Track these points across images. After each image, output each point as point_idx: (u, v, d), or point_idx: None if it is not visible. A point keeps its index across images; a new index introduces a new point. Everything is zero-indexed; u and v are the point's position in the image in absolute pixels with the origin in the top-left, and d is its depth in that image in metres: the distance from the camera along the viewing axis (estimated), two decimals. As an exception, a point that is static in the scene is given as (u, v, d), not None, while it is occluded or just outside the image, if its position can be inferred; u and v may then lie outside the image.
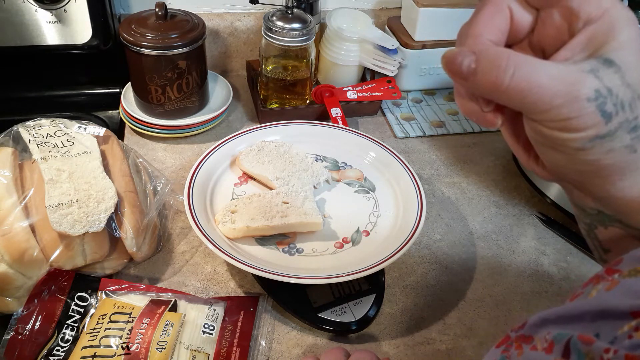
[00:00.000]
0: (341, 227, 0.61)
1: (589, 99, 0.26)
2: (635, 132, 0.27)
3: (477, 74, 0.27)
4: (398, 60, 0.86)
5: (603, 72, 0.26)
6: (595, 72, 0.26)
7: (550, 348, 0.23)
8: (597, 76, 0.26)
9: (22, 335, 0.49)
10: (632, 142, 0.27)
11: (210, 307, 0.53)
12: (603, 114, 0.26)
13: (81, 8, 0.75)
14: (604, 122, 0.26)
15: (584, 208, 0.33)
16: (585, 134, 0.26)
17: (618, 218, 0.31)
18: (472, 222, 0.70)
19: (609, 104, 0.26)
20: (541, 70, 0.26)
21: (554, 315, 0.25)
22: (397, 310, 0.58)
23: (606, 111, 0.26)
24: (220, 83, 0.86)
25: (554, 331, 0.23)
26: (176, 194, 0.67)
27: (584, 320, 0.23)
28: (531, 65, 0.26)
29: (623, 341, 0.21)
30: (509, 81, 0.26)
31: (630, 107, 0.26)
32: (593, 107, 0.26)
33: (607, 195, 0.29)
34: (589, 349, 0.21)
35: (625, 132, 0.27)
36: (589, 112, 0.26)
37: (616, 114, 0.26)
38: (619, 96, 0.26)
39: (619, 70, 0.26)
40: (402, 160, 0.68)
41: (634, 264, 0.25)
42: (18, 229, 0.51)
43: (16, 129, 0.61)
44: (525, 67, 0.26)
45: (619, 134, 0.27)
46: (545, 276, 0.63)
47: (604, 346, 0.21)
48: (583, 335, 0.22)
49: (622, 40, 0.27)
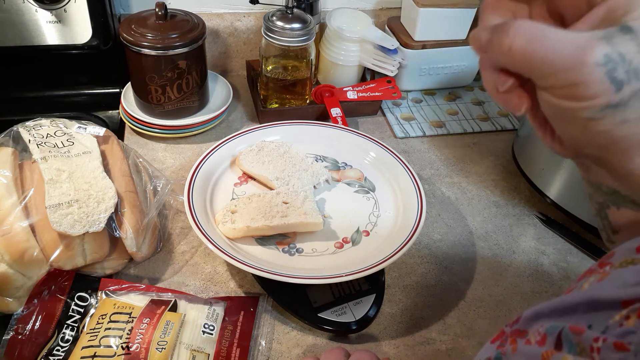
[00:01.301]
0: (341, 227, 0.61)
1: (597, 64, 0.24)
2: None
3: (492, 43, 0.27)
4: (398, 60, 0.86)
5: (618, 39, 0.25)
6: (609, 38, 0.25)
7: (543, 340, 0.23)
8: (610, 42, 0.25)
9: (22, 335, 0.49)
10: None
11: (210, 307, 0.53)
12: (613, 81, 0.25)
13: (81, 8, 0.75)
14: (614, 90, 0.25)
15: (599, 186, 0.32)
16: (595, 102, 0.25)
17: (633, 199, 0.30)
18: (472, 222, 0.70)
19: (620, 70, 0.24)
20: (548, 33, 0.25)
21: (547, 308, 0.25)
22: (397, 310, 0.58)
23: (616, 78, 0.24)
24: (220, 83, 0.86)
25: (547, 324, 0.23)
26: (176, 194, 0.67)
27: (576, 312, 0.23)
28: (537, 27, 0.26)
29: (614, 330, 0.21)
30: (512, 41, 0.26)
31: None
32: (601, 73, 0.24)
33: (625, 172, 0.28)
34: (579, 338, 0.21)
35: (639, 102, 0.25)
36: (597, 78, 0.24)
37: (628, 82, 0.25)
38: (632, 63, 0.25)
39: (635, 37, 0.25)
40: (402, 160, 0.68)
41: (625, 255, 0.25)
42: (18, 229, 0.51)
43: (16, 129, 0.61)
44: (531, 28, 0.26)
45: (632, 104, 0.25)
46: (545, 276, 0.63)
47: (593, 335, 0.21)
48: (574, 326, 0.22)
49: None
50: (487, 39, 0.27)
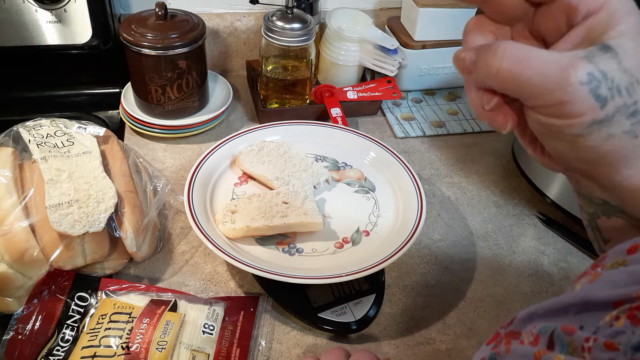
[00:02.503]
0: (341, 227, 0.61)
1: (582, 82, 0.25)
2: (635, 117, 0.27)
3: (477, 64, 0.28)
4: (398, 60, 0.86)
5: (599, 57, 0.26)
6: (590, 58, 0.26)
7: (535, 341, 0.23)
8: (592, 61, 0.26)
9: (22, 335, 0.49)
10: (632, 128, 0.27)
11: (210, 307, 0.53)
12: (597, 98, 0.26)
13: (81, 8, 0.75)
14: (599, 107, 0.26)
15: (589, 198, 0.33)
16: (581, 119, 0.26)
17: (622, 209, 0.31)
18: (472, 222, 0.70)
19: (603, 87, 0.26)
20: (533, 54, 0.26)
21: (540, 309, 0.25)
22: (397, 310, 0.58)
23: (600, 95, 0.26)
24: (220, 83, 0.86)
25: (540, 325, 0.24)
26: (176, 194, 0.67)
27: (569, 313, 0.24)
28: (523, 50, 0.26)
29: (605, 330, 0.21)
30: (500, 63, 0.26)
31: (628, 91, 0.26)
32: (586, 91, 0.25)
33: (613, 184, 0.29)
34: (571, 338, 0.22)
35: (623, 117, 0.26)
36: (582, 96, 0.25)
37: (612, 98, 0.26)
38: (614, 80, 0.26)
39: (615, 56, 0.26)
40: (402, 160, 0.68)
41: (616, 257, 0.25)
42: (18, 229, 0.51)
43: (16, 129, 0.61)
44: (517, 51, 0.26)
45: (617, 119, 0.26)
46: (545, 276, 0.63)
47: (584, 335, 0.21)
48: (566, 326, 0.22)
49: (621, 29, 0.26)
50: (471, 60, 0.28)
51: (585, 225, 0.36)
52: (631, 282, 0.23)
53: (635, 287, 0.22)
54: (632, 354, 0.20)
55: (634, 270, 0.24)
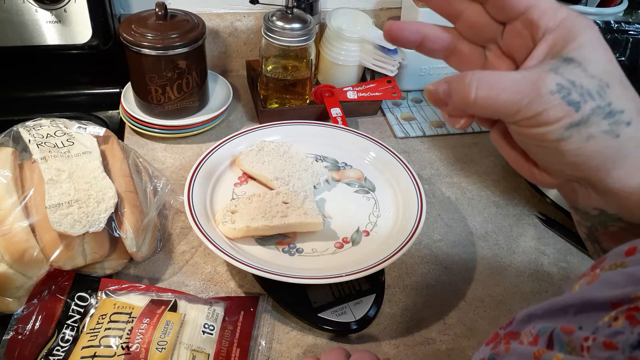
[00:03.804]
0: (341, 227, 0.61)
1: (552, 92, 0.27)
2: (612, 117, 0.28)
3: (451, 96, 0.29)
4: (398, 60, 0.86)
5: (563, 69, 0.28)
6: (556, 70, 0.28)
7: (535, 341, 0.24)
8: (558, 72, 0.28)
9: (22, 335, 0.49)
10: (611, 128, 0.28)
11: (210, 307, 0.53)
12: (570, 103, 0.27)
13: (81, 8, 0.75)
14: (574, 110, 0.28)
15: (586, 211, 0.34)
16: (559, 124, 0.28)
17: (619, 217, 0.32)
18: (472, 222, 0.70)
19: (574, 93, 0.27)
20: (504, 77, 0.28)
21: (539, 310, 0.26)
22: (397, 310, 0.58)
23: (573, 100, 0.27)
24: (220, 83, 0.86)
25: (539, 325, 0.24)
26: (176, 194, 0.67)
27: (568, 313, 0.24)
28: (493, 75, 0.28)
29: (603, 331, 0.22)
30: (475, 92, 0.28)
31: (599, 94, 0.28)
32: (558, 99, 0.27)
33: (607, 189, 0.30)
34: (570, 338, 0.22)
35: (600, 117, 0.28)
36: (556, 104, 0.27)
37: (585, 102, 0.28)
38: (583, 86, 0.28)
39: (579, 65, 0.28)
40: (402, 160, 0.68)
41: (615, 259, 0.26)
42: (18, 229, 0.51)
43: (16, 129, 0.61)
44: (488, 77, 0.28)
45: (593, 120, 0.28)
46: (545, 276, 0.63)
47: (583, 335, 0.22)
48: (565, 326, 0.23)
49: (580, 41, 0.29)
50: (445, 92, 0.29)
51: (584, 239, 0.37)
52: (629, 284, 0.23)
53: (633, 288, 0.22)
54: (631, 352, 0.20)
55: (632, 271, 0.24)
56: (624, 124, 0.28)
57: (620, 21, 0.69)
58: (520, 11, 0.30)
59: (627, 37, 0.68)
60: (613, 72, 0.29)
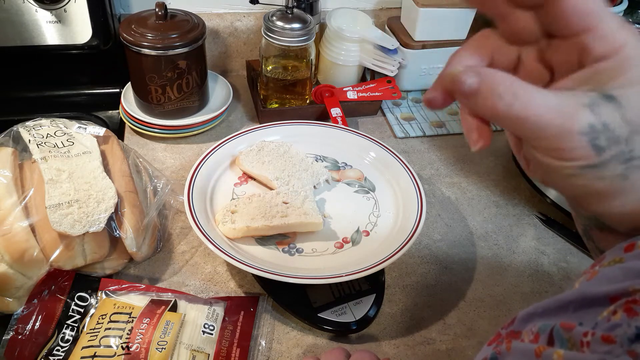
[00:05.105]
0: (341, 227, 0.61)
1: (582, 132, 0.26)
2: (630, 162, 0.27)
3: (477, 95, 0.27)
4: (398, 60, 0.86)
5: (602, 108, 0.26)
6: (593, 107, 0.26)
7: (536, 339, 0.24)
8: (594, 111, 0.26)
9: (22, 335, 0.49)
10: (624, 172, 0.27)
11: (210, 307, 0.53)
12: (594, 147, 0.26)
13: (81, 8, 0.75)
14: (595, 155, 0.26)
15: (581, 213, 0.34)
16: (577, 163, 0.27)
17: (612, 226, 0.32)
18: (472, 222, 0.70)
19: (602, 138, 0.26)
20: (539, 100, 0.26)
21: (540, 308, 0.26)
22: (397, 310, 0.58)
23: (598, 145, 0.26)
24: (220, 83, 0.86)
25: (539, 323, 0.24)
26: (176, 194, 0.67)
27: (568, 310, 0.24)
28: (530, 94, 0.26)
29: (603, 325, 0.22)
30: (507, 109, 0.26)
31: (627, 141, 0.26)
32: (585, 141, 0.26)
33: (599, 211, 0.30)
34: (570, 334, 0.22)
35: (618, 162, 0.27)
36: (581, 145, 0.26)
37: (608, 148, 0.26)
38: (615, 132, 0.26)
39: (619, 108, 0.26)
40: (402, 160, 0.68)
41: (614, 255, 0.26)
42: (18, 229, 0.51)
43: (16, 129, 0.61)
44: (524, 96, 0.26)
45: (611, 165, 0.27)
46: (545, 276, 0.63)
47: (583, 330, 0.22)
48: (565, 323, 0.23)
49: (629, 77, 0.26)
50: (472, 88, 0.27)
51: (581, 234, 0.37)
52: (627, 278, 0.23)
53: (631, 281, 0.22)
54: (629, 345, 0.20)
55: (630, 266, 0.24)
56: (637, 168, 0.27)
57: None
58: (576, 31, 0.27)
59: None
60: None
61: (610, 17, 0.27)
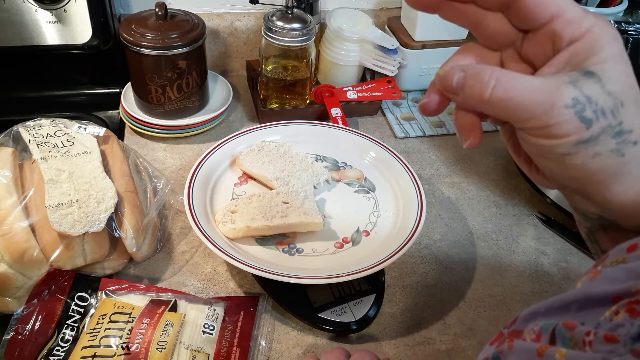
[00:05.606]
0: (341, 227, 0.61)
1: (567, 106, 0.27)
2: (621, 136, 0.28)
3: (465, 88, 0.29)
4: (398, 60, 0.86)
5: (582, 82, 0.27)
6: (575, 83, 0.27)
7: (538, 338, 0.24)
8: (576, 86, 0.27)
9: (22, 335, 0.49)
10: (618, 147, 0.28)
11: (210, 307, 0.53)
12: (582, 120, 0.27)
13: (81, 8, 0.75)
14: (585, 128, 0.27)
15: (585, 213, 0.34)
16: (568, 139, 0.28)
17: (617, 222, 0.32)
18: (472, 222, 0.70)
19: (588, 110, 0.27)
20: (522, 82, 0.28)
21: (542, 308, 0.26)
22: (397, 310, 0.58)
23: (585, 117, 0.27)
24: (220, 83, 0.86)
25: (542, 322, 0.24)
26: (176, 194, 0.67)
27: (570, 310, 0.24)
28: (512, 77, 0.28)
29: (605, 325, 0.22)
30: (491, 92, 0.27)
31: (613, 113, 0.28)
32: (571, 114, 0.27)
33: (604, 201, 0.30)
34: (572, 333, 0.22)
35: (609, 136, 0.28)
36: (568, 119, 0.27)
37: (597, 120, 0.27)
38: (598, 103, 0.27)
39: (599, 81, 0.27)
40: (402, 160, 0.68)
41: (616, 255, 0.26)
42: (18, 229, 0.51)
43: (16, 129, 0.61)
44: (506, 79, 0.28)
45: (602, 139, 0.28)
46: (545, 276, 0.63)
47: (585, 329, 0.22)
48: (567, 322, 0.23)
49: (603, 55, 0.28)
50: (459, 83, 0.29)
51: (585, 238, 0.37)
52: (630, 278, 0.23)
53: (634, 282, 0.22)
54: (632, 345, 0.20)
55: (633, 266, 0.24)
56: (631, 143, 0.28)
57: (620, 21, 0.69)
58: (544, 21, 0.29)
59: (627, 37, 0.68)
60: (629, 90, 0.28)
61: (574, 5, 0.29)
